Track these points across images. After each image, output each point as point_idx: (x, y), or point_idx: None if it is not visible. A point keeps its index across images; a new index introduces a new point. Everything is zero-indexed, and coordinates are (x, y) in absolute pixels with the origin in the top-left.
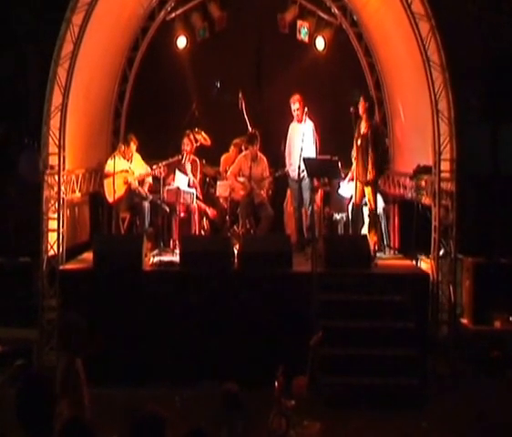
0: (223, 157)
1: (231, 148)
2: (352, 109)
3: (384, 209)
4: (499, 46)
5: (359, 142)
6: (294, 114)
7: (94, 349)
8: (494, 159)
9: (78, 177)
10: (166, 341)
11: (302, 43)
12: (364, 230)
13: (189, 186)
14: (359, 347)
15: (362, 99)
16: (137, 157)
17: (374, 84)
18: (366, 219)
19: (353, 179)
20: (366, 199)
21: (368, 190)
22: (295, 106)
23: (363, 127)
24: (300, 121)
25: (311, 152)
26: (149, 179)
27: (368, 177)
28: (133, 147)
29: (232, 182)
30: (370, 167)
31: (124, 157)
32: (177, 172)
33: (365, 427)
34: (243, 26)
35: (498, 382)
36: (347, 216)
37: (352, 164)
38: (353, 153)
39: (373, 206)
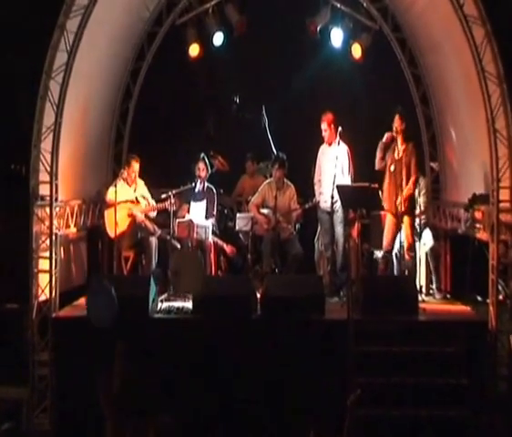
0: (240, 180)
1: (248, 165)
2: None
3: (432, 246)
4: None
5: (392, 168)
6: (323, 135)
7: None
8: None
9: (74, 210)
10: (176, 400)
11: (335, 51)
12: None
13: (206, 218)
14: (403, 407)
15: (397, 118)
16: (140, 184)
17: (421, 98)
18: (422, 257)
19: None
20: (403, 237)
21: (405, 222)
22: (323, 126)
23: (398, 151)
24: (330, 143)
25: (344, 179)
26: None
27: (403, 208)
28: (135, 165)
29: (255, 214)
30: (405, 195)
31: (127, 183)
32: (192, 202)
33: None
34: (266, 32)
35: None
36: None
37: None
38: (385, 182)
39: (410, 240)
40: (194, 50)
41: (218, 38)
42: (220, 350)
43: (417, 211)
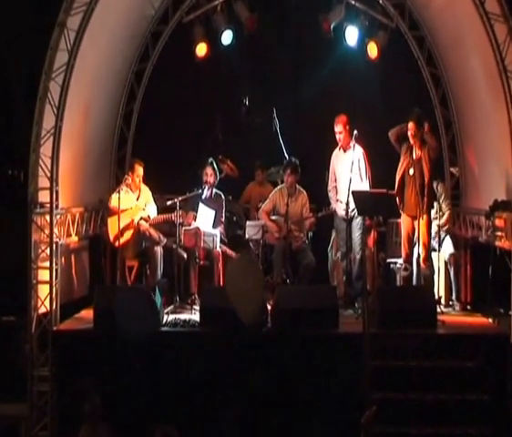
0: (248, 187)
1: (257, 173)
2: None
3: (452, 254)
4: None
5: (411, 171)
6: (337, 139)
7: None
8: None
9: (75, 217)
10: (182, 419)
11: (349, 50)
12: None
13: (213, 226)
14: (421, 425)
15: (412, 125)
16: (144, 190)
17: (440, 100)
18: (441, 266)
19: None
20: (419, 242)
21: (422, 223)
22: (337, 128)
23: (416, 153)
24: (344, 148)
25: (363, 185)
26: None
27: (424, 208)
28: (139, 169)
29: (265, 221)
30: (426, 194)
31: (130, 189)
32: (201, 206)
33: None
34: (278, 30)
35: None
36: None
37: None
38: (405, 185)
39: (426, 242)
40: (201, 49)
41: (226, 37)
42: (228, 365)
43: (434, 215)
